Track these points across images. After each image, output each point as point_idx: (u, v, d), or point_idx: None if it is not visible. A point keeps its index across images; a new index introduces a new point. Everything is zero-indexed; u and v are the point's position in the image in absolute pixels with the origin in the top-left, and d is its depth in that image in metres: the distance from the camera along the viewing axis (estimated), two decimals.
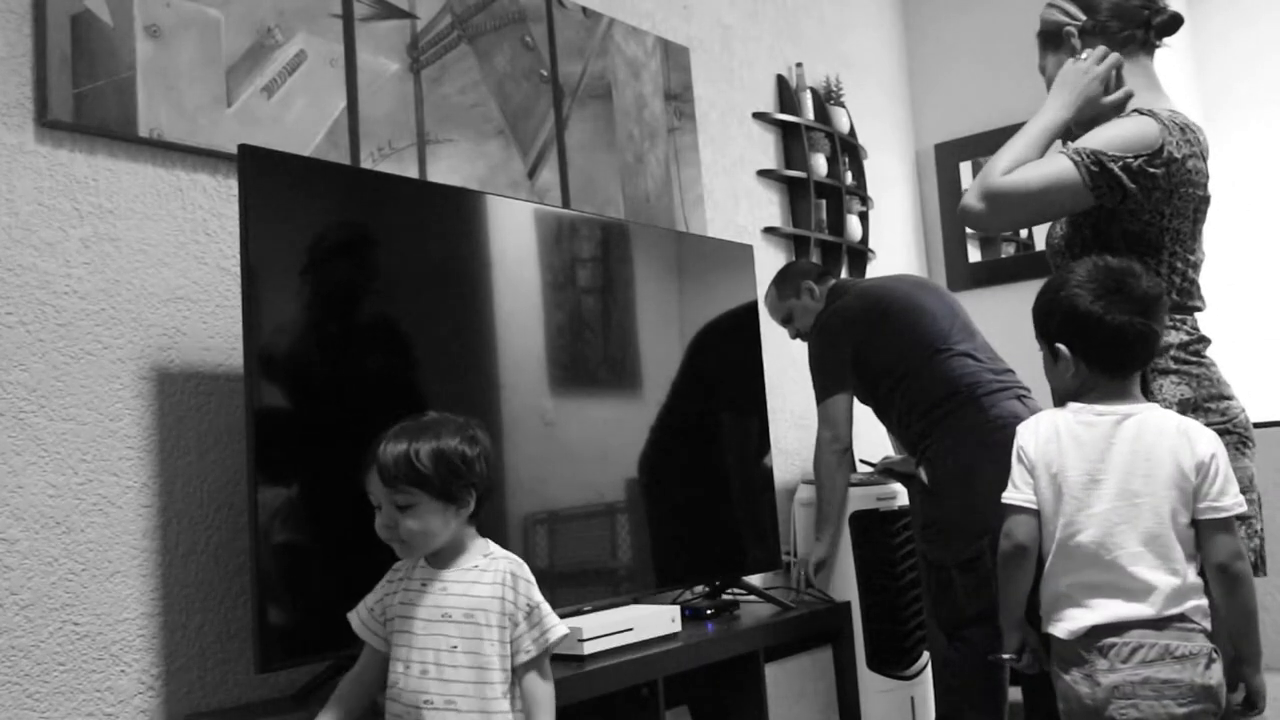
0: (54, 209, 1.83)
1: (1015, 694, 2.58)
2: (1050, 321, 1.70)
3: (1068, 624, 1.60)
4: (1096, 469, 1.62)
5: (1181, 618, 1.55)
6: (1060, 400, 1.74)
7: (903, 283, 2.86)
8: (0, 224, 1.77)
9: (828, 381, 2.78)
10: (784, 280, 3.00)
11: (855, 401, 2.82)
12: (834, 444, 2.75)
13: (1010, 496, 1.69)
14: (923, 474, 2.61)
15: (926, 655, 2.99)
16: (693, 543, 2.58)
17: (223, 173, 2.07)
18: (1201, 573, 1.60)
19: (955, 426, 2.53)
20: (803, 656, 2.63)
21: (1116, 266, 1.67)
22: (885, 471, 3.14)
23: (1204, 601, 1.58)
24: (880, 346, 2.71)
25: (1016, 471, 1.70)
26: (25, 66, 1.82)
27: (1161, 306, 1.67)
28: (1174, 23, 1.96)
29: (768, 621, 2.51)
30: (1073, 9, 1.98)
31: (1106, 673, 1.55)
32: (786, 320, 3.03)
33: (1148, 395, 1.75)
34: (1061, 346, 1.67)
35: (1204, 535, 1.58)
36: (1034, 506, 1.67)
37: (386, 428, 1.54)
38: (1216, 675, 1.55)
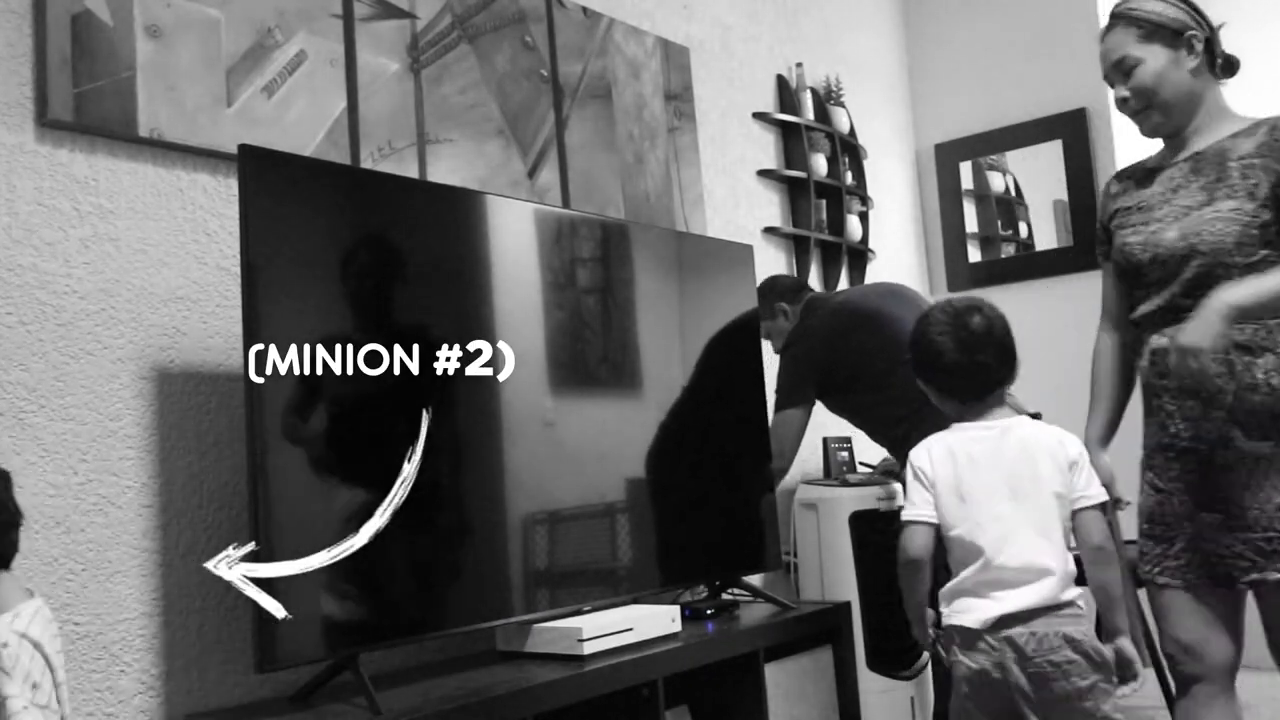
0: (54, 209, 1.83)
1: None
2: (915, 366, 2.02)
3: (976, 614, 1.81)
4: (991, 477, 1.87)
5: (1071, 604, 1.81)
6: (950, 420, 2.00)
7: (874, 293, 3.01)
8: (0, 224, 1.77)
9: (781, 397, 2.91)
10: (761, 300, 3.02)
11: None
12: (777, 460, 2.84)
13: (911, 514, 1.92)
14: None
15: (926, 655, 2.99)
16: (693, 543, 2.58)
17: (223, 173, 2.07)
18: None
19: (935, 426, 2.55)
20: (803, 656, 2.63)
21: (958, 306, 1.98)
22: (886, 473, 3.15)
23: (1082, 590, 1.84)
24: (852, 360, 2.85)
25: (915, 490, 1.92)
26: (25, 66, 1.82)
27: (999, 334, 1.96)
28: (1232, 65, 2.09)
29: (768, 621, 2.51)
30: (1194, 16, 2.02)
31: (1017, 661, 1.77)
32: (766, 336, 3.10)
33: None
34: (925, 385, 2.00)
35: (1080, 521, 1.86)
36: (933, 520, 1.90)
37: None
38: (1105, 651, 1.81)
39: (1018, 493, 1.85)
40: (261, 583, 1.73)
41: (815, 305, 3.00)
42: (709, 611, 2.57)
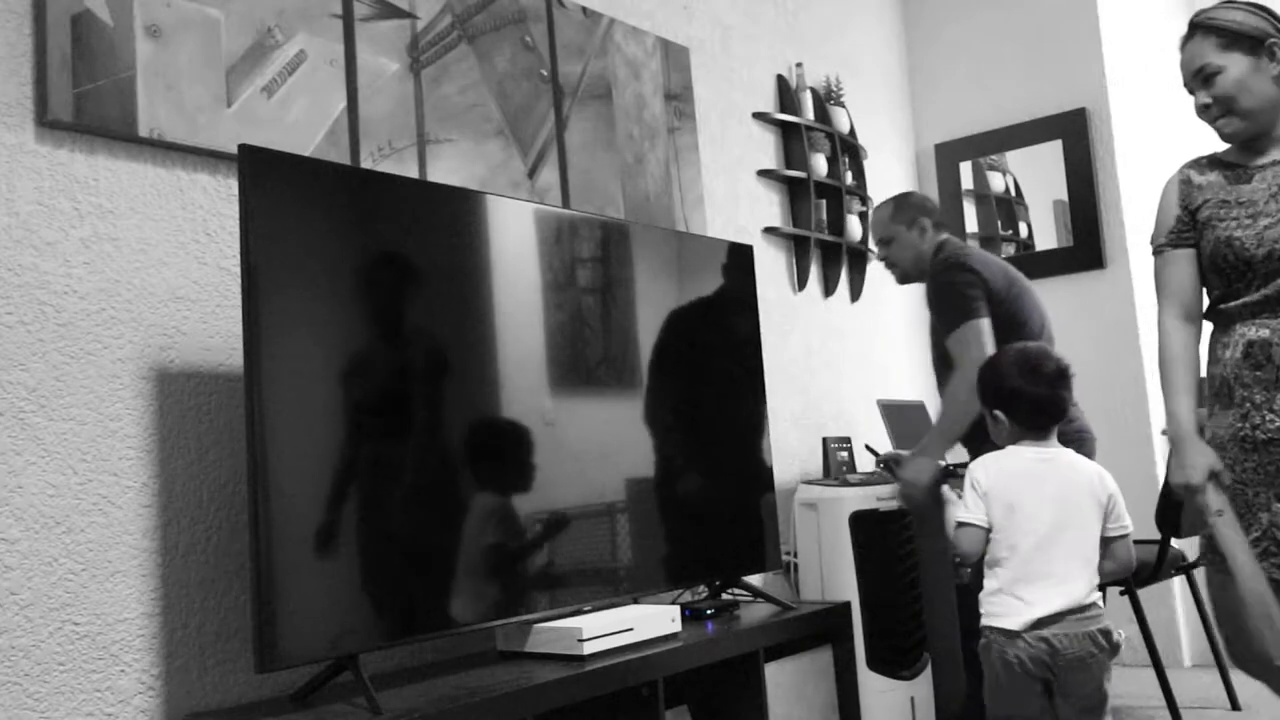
0: (54, 209, 1.83)
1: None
2: (988, 394, 2.25)
3: (1016, 617, 2.07)
4: (1039, 494, 2.13)
5: (1094, 605, 2.10)
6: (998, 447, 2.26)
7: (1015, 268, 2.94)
8: (0, 224, 1.77)
9: (969, 307, 2.71)
10: (904, 205, 2.93)
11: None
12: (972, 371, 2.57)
13: (965, 516, 2.17)
14: None
15: (926, 655, 2.99)
16: (693, 543, 2.58)
17: (223, 173, 2.07)
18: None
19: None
20: (803, 656, 2.63)
21: (1034, 350, 2.25)
22: (887, 465, 3.13)
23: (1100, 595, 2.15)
24: (1013, 310, 2.77)
25: (970, 497, 2.18)
26: (25, 66, 1.82)
27: (1069, 377, 2.22)
28: None
29: (768, 621, 2.51)
30: (1274, 24, 2.05)
31: (1050, 656, 2.05)
32: (885, 242, 2.98)
33: None
34: (1000, 413, 2.22)
35: (1116, 546, 2.16)
36: (985, 525, 2.15)
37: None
38: (1116, 637, 2.13)
39: (1061, 511, 2.13)
40: (262, 583, 1.73)
41: (958, 247, 2.88)
42: (709, 611, 2.57)
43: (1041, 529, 2.10)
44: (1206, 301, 2.16)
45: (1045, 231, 4.32)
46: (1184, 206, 2.15)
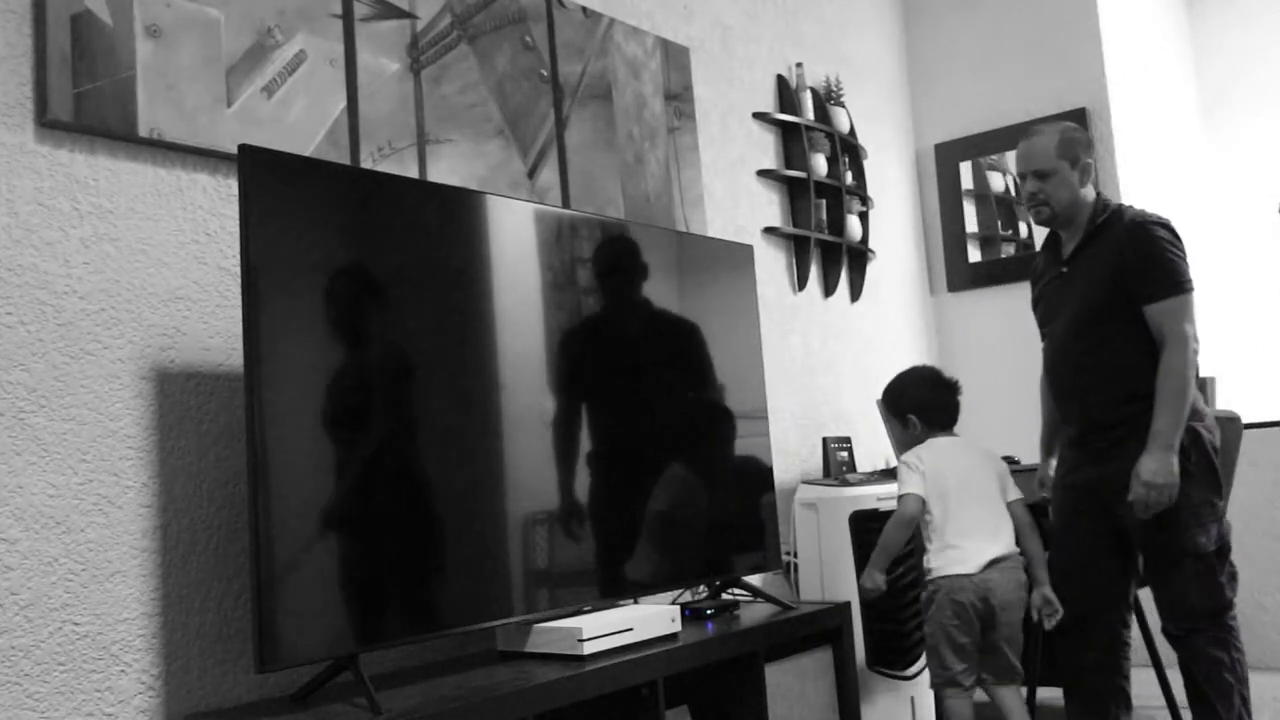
0: (54, 209, 1.83)
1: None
2: (903, 403, 2.76)
3: (968, 564, 2.54)
4: (960, 467, 2.64)
5: (1016, 555, 2.60)
6: (899, 450, 2.77)
7: None
8: (0, 224, 1.77)
9: (1185, 278, 2.46)
10: (1071, 141, 2.59)
11: None
12: (1195, 343, 2.44)
13: (908, 488, 2.62)
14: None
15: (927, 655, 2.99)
16: (693, 543, 2.58)
17: (223, 173, 2.07)
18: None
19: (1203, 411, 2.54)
20: (803, 656, 2.63)
21: (933, 370, 2.86)
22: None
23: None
24: None
25: (909, 475, 2.63)
26: (25, 66, 1.82)
27: (959, 389, 2.78)
28: None
29: (768, 621, 2.51)
30: None
31: (993, 594, 2.53)
32: (1043, 175, 2.59)
33: None
34: (913, 417, 2.74)
35: (1011, 507, 2.65)
36: (923, 495, 2.61)
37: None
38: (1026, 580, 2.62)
39: (976, 481, 2.64)
40: (262, 583, 1.73)
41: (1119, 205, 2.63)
42: (709, 611, 2.57)
43: (968, 496, 2.60)
44: None
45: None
46: None
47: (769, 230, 3.57)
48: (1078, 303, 2.59)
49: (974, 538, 2.57)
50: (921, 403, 2.75)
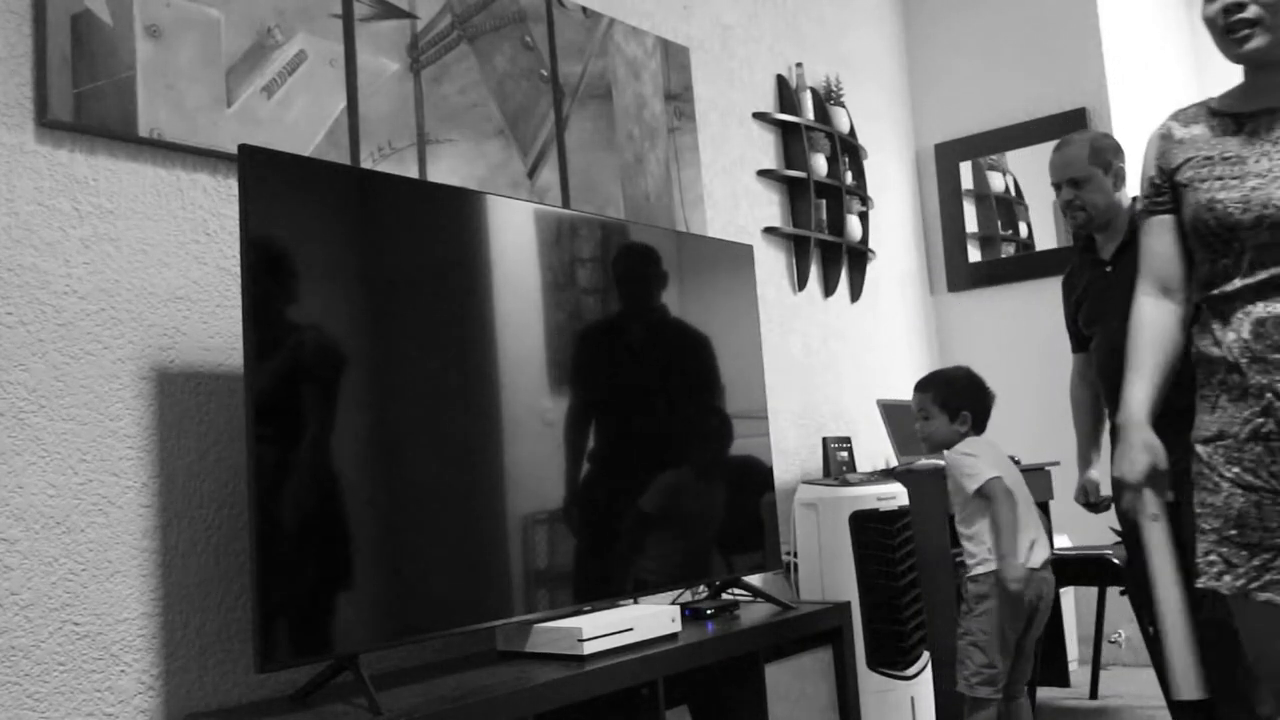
0: (54, 209, 1.83)
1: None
2: (960, 398, 2.75)
3: (1036, 558, 2.59)
4: (1010, 470, 2.70)
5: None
6: (930, 444, 2.82)
7: None
8: (0, 224, 1.77)
9: None
10: (1102, 148, 2.66)
11: None
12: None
13: (988, 471, 2.62)
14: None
15: (926, 655, 2.99)
16: (693, 543, 2.58)
17: (223, 173, 2.07)
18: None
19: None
20: (803, 656, 2.63)
21: (979, 376, 2.86)
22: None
23: None
24: None
25: (979, 463, 2.64)
26: (25, 66, 1.82)
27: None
28: None
29: (768, 621, 2.51)
30: None
31: (1047, 590, 2.63)
32: (1078, 182, 2.64)
33: None
34: (967, 413, 2.75)
35: None
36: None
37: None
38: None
39: (1021, 480, 2.72)
40: (262, 583, 1.73)
41: None
42: (709, 611, 2.57)
43: (1021, 493, 2.64)
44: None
45: (1045, 231, 4.32)
46: (1160, 167, 1.86)
47: (769, 230, 3.57)
48: (1130, 299, 2.61)
49: (1029, 533, 2.61)
50: (976, 403, 2.78)
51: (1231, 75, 2.05)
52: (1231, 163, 1.74)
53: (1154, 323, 1.87)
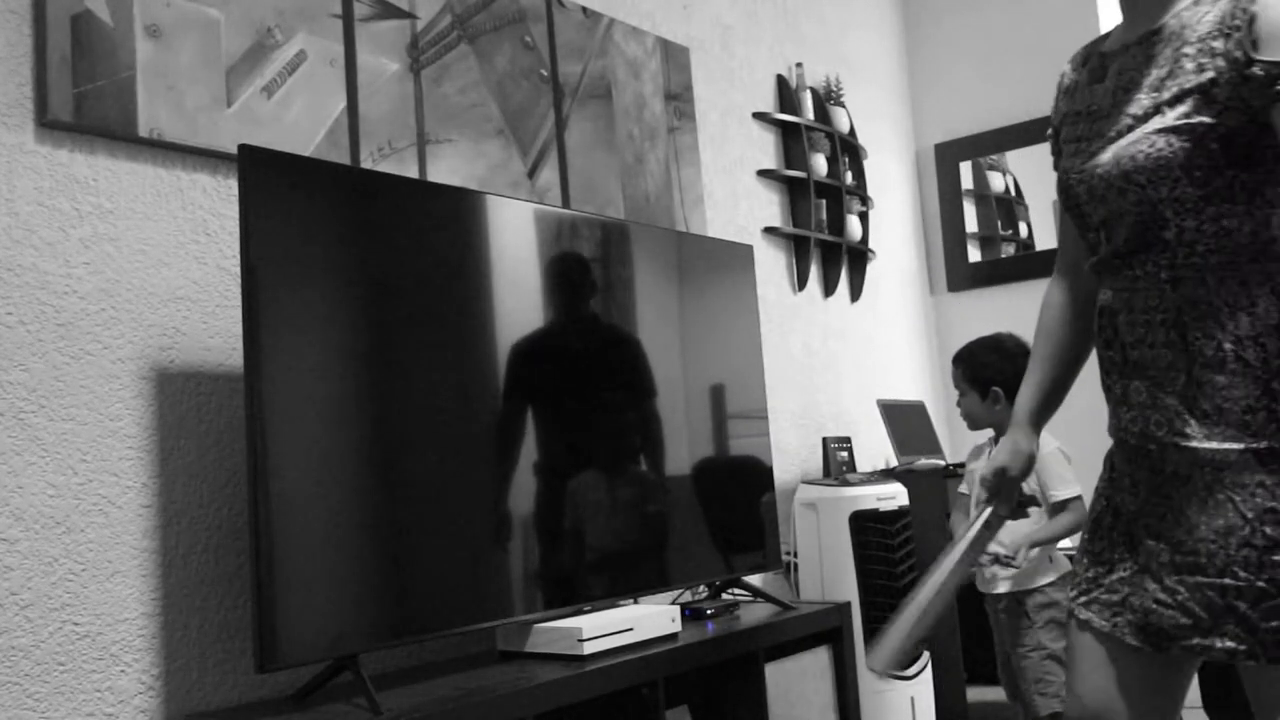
0: (54, 209, 1.83)
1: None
2: (987, 372, 2.55)
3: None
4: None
5: None
6: (974, 423, 2.63)
7: None
8: (0, 224, 1.77)
9: None
10: None
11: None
12: None
13: (1074, 486, 2.46)
14: None
15: (927, 655, 2.99)
16: (693, 543, 2.58)
17: (223, 173, 2.07)
18: None
19: None
20: (803, 656, 2.63)
21: (1016, 339, 2.60)
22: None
23: None
24: None
25: (1069, 469, 2.47)
26: (25, 66, 1.82)
27: None
28: None
29: (768, 621, 2.51)
30: None
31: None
32: None
33: None
34: (998, 390, 2.54)
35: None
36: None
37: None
38: None
39: None
40: (262, 583, 1.73)
41: None
42: (709, 611, 2.57)
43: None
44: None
45: (1045, 231, 4.32)
46: (1053, 125, 1.59)
47: (769, 230, 3.57)
48: None
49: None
50: (1008, 374, 2.50)
51: None
52: (1092, 118, 1.45)
53: (1048, 305, 1.65)
